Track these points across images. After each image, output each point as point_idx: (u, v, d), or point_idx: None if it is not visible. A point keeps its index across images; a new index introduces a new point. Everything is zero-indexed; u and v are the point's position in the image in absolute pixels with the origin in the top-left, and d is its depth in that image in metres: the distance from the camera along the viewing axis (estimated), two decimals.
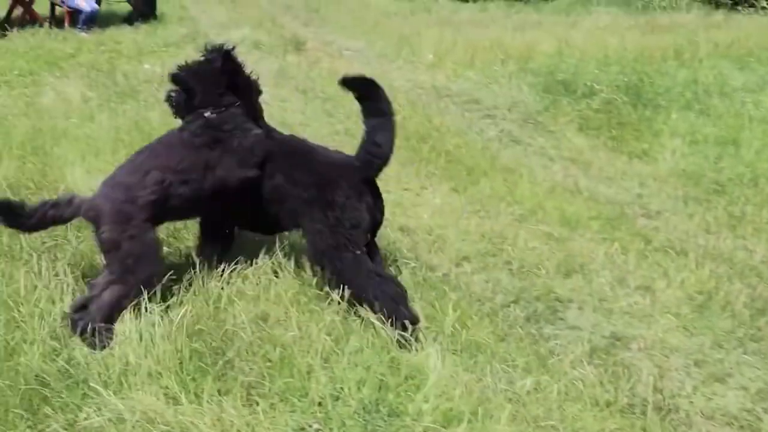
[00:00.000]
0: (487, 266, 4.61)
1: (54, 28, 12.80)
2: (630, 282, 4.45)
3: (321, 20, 14.96)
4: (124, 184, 3.66)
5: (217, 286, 3.76)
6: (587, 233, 5.13)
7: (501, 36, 11.63)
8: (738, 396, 3.44)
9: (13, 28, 12.45)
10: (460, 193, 5.85)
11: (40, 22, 13.17)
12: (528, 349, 3.61)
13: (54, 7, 13.87)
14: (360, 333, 3.40)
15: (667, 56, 9.88)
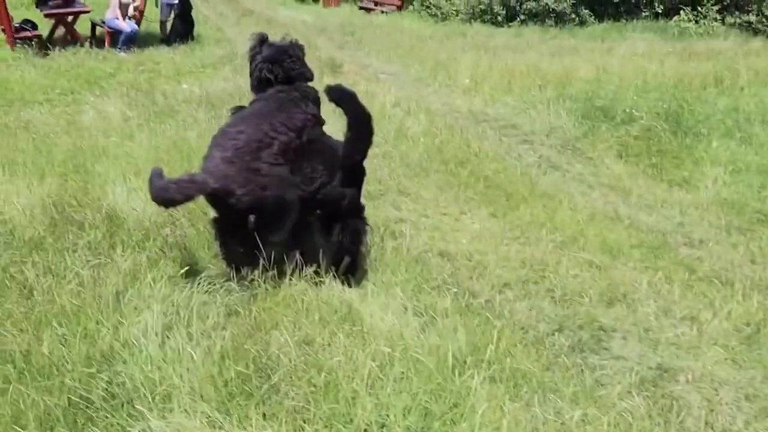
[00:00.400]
0: (529, 293, 4.55)
1: (94, 48, 13.01)
2: (675, 312, 4.37)
3: (356, 43, 15.02)
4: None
5: (261, 308, 3.75)
6: (629, 261, 5.05)
7: (537, 61, 11.60)
8: None
9: (55, 48, 12.67)
10: (499, 218, 5.80)
11: (81, 42, 13.39)
12: (574, 379, 3.55)
13: (94, 27, 14.10)
14: (405, 359, 3.36)
15: (706, 83, 9.77)
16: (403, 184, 6.45)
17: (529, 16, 18.40)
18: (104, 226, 4.82)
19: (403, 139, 7.68)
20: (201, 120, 8.12)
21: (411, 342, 3.50)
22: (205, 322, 3.66)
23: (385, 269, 4.36)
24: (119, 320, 3.64)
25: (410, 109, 8.99)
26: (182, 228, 4.84)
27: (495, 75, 10.61)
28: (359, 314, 3.77)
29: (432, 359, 3.38)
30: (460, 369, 3.39)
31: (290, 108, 4.28)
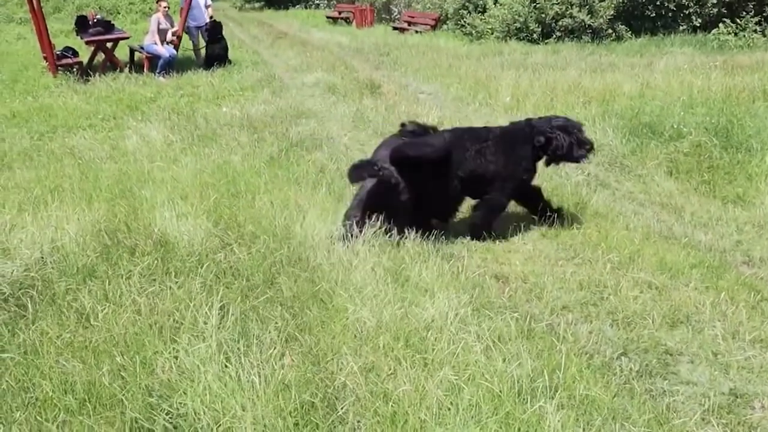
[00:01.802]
0: (590, 316, 4.43)
1: (134, 74, 13.16)
2: (743, 334, 4.22)
3: (392, 63, 15.02)
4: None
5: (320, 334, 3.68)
6: (690, 282, 4.90)
7: (578, 78, 11.48)
8: None
9: (95, 74, 12.83)
10: (551, 239, 5.69)
11: (120, 67, 13.57)
12: (646, 405, 3.43)
13: (133, 53, 14.29)
14: (474, 386, 3.26)
15: (755, 97, 9.58)
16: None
17: (565, 32, 18.30)
18: (156, 252, 4.79)
19: None
20: (244, 143, 8.13)
21: (477, 368, 3.40)
22: (264, 350, 3.60)
23: (443, 293, 4.27)
24: (176, 349, 3.59)
25: None
26: (235, 253, 4.80)
27: (537, 92, 10.51)
28: (423, 341, 3.69)
29: (500, 386, 3.28)
30: (530, 395, 3.29)
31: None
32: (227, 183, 6.46)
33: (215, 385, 3.30)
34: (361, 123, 9.46)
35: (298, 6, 35.89)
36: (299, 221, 5.40)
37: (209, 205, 5.79)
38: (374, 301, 4.08)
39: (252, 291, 4.29)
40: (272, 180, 6.57)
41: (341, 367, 3.40)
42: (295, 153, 7.70)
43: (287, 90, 12.00)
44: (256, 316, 3.96)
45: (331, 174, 6.89)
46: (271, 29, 24.35)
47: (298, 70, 14.42)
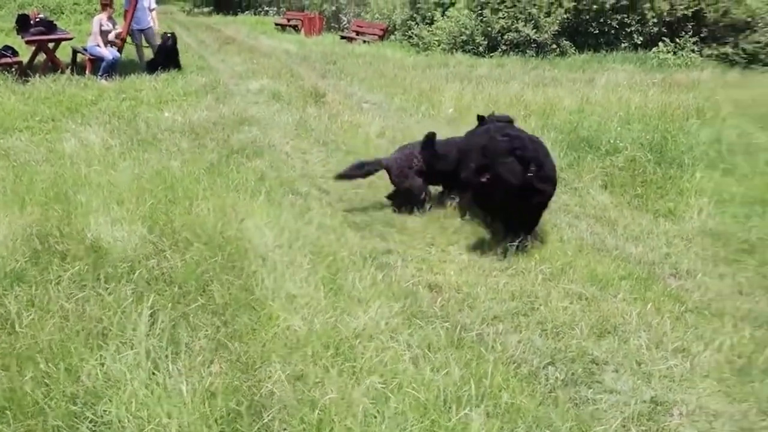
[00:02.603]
0: (520, 326, 4.51)
1: (75, 75, 12.94)
2: (666, 344, 4.34)
3: (338, 73, 15.05)
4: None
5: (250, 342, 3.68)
6: (619, 293, 5.03)
7: (520, 91, 11.67)
8: None
9: (35, 74, 12.58)
10: (486, 250, 5.77)
11: (61, 68, 13.31)
12: (569, 413, 3.50)
13: (76, 54, 14.05)
14: (401, 395, 3.30)
15: (689, 114, 9.86)
16: (389, 215, 6.42)
17: (511, 46, 18.57)
18: (88, 258, 4.73)
19: None
20: (184, 149, 8.07)
21: (405, 377, 3.44)
22: (192, 357, 3.59)
23: (375, 301, 4.30)
24: (103, 356, 3.55)
25: (395, 139, 8.98)
26: (168, 259, 4.76)
27: (479, 105, 10.63)
28: (352, 349, 3.71)
29: (427, 395, 3.32)
30: (456, 404, 3.34)
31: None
32: (165, 189, 6.39)
33: (141, 392, 3.28)
34: (303, 131, 9.47)
35: (247, 12, 35.70)
36: (236, 228, 5.38)
37: (145, 210, 5.73)
38: (306, 310, 4.10)
39: (184, 298, 4.27)
40: (211, 187, 6.53)
41: (269, 375, 3.41)
42: (235, 160, 7.67)
43: (231, 96, 11.93)
44: (187, 323, 3.94)
45: (271, 182, 6.89)
46: (218, 35, 24.18)
47: (243, 76, 14.34)
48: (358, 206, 6.64)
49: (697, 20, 18.80)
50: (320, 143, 8.86)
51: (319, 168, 7.88)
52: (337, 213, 6.32)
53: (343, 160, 8.10)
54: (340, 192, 7.02)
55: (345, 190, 7.08)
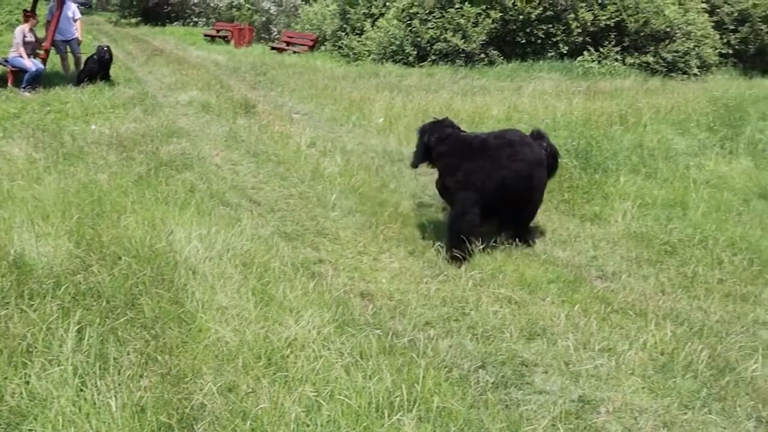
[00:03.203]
0: (451, 331, 4.57)
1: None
2: (593, 344, 4.46)
3: (269, 83, 15.01)
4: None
5: (181, 355, 3.65)
6: (547, 296, 5.15)
7: (450, 100, 11.82)
8: None
9: None
10: (417, 257, 5.83)
11: None
12: (500, 415, 3.57)
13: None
14: (333, 403, 3.31)
15: (612, 121, 10.14)
16: (321, 225, 6.43)
17: (440, 56, 18.79)
18: (11, 274, 4.61)
19: (320, 180, 7.69)
20: (112, 162, 7.94)
21: (337, 385, 3.46)
22: (121, 372, 3.53)
23: (307, 311, 4.31)
24: (28, 374, 3.47)
25: (326, 149, 9.01)
26: (96, 274, 4.68)
27: (409, 114, 10.75)
28: (284, 359, 3.71)
29: (359, 401, 3.35)
30: (388, 410, 3.37)
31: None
32: (92, 203, 6.28)
33: (69, 409, 3.22)
34: (233, 142, 9.41)
35: (176, 23, 35.24)
36: (166, 241, 5.32)
37: (71, 225, 5.62)
38: (237, 321, 4.08)
39: (112, 312, 4.20)
40: (140, 200, 6.44)
41: (200, 387, 3.38)
42: (164, 172, 7.57)
43: (160, 108, 11.78)
44: (115, 338, 3.88)
45: (201, 193, 6.83)
46: (146, 46, 23.82)
47: (172, 88, 14.17)
48: (290, 217, 6.63)
49: (620, 30, 19.34)
50: (251, 154, 8.82)
51: (249, 179, 7.84)
52: (268, 224, 6.30)
53: (273, 171, 8.10)
54: (272, 203, 7.00)
55: (276, 200, 7.08)
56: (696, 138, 9.92)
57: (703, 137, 9.97)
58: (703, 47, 20.07)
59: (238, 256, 5.18)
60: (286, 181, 7.74)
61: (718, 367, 4.27)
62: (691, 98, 12.45)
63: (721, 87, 14.25)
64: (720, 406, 3.91)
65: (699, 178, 8.10)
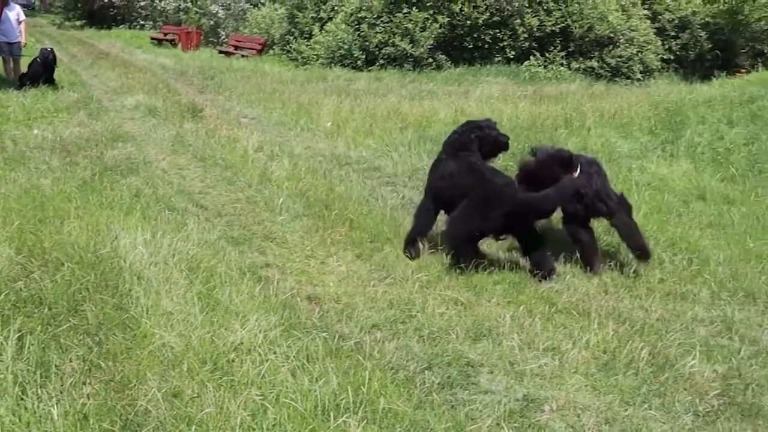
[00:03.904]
0: (398, 333, 4.59)
1: None
2: (538, 344, 4.53)
3: (216, 87, 14.92)
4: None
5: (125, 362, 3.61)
6: (493, 297, 5.20)
7: (398, 104, 11.89)
8: None
9: None
10: (365, 260, 5.85)
11: None
12: (445, 415, 3.60)
13: None
14: (279, 406, 3.32)
15: (557, 124, 10.30)
16: (268, 229, 6.41)
17: (388, 60, 18.88)
18: None
19: (267, 184, 7.67)
20: (55, 167, 7.81)
21: (283, 388, 3.46)
22: (64, 379, 3.49)
23: (253, 315, 4.30)
24: None
25: (273, 153, 8.99)
26: (37, 281, 4.60)
27: (357, 118, 10.79)
28: (230, 363, 3.70)
29: (305, 404, 3.35)
30: (334, 412, 3.38)
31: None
32: (34, 208, 6.17)
33: (8, 419, 3.17)
34: (180, 147, 9.33)
35: (122, 26, 34.78)
36: (110, 247, 5.26)
37: (12, 231, 5.51)
38: (183, 326, 4.06)
39: (54, 319, 4.13)
40: (84, 205, 6.35)
41: (145, 393, 3.36)
42: (109, 177, 7.48)
43: (105, 112, 11.63)
44: (58, 345, 3.83)
45: (147, 198, 6.76)
46: (91, 49, 23.47)
47: (118, 92, 14.00)
48: (237, 221, 6.60)
49: (565, 36, 19.67)
50: (198, 159, 8.75)
51: (196, 183, 7.78)
52: (215, 228, 6.26)
53: (221, 176, 8.05)
54: (219, 207, 6.96)
55: (223, 205, 7.04)
56: (638, 141, 10.13)
57: (645, 140, 10.18)
58: (645, 53, 20.52)
59: (184, 260, 5.15)
60: (234, 186, 7.70)
61: (658, 364, 4.36)
62: (633, 102, 12.69)
63: (662, 91, 14.54)
64: (660, 401, 3.99)
65: (641, 180, 8.27)
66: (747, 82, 14.24)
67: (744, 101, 11.78)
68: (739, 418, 3.85)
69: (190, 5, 30.02)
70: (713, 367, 4.36)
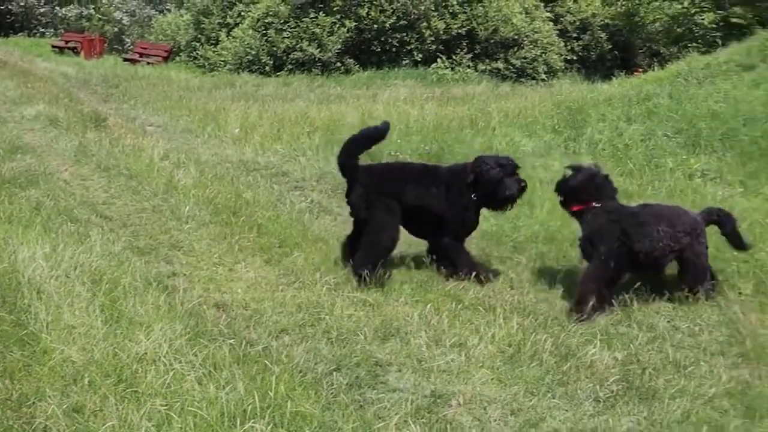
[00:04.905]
0: (307, 336, 4.60)
1: None
2: (445, 341, 4.60)
3: (121, 96, 14.62)
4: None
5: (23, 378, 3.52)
6: (401, 297, 5.26)
7: (306, 109, 11.90)
8: None
9: None
10: (273, 265, 5.84)
11: None
12: (353, 415, 3.63)
13: None
14: (185, 415, 3.28)
15: (463, 125, 10.48)
16: (175, 238, 6.33)
17: (297, 65, 18.85)
18: None
19: (173, 192, 7.55)
20: None
21: (189, 397, 3.43)
22: None
23: (158, 324, 4.24)
24: None
25: (180, 161, 8.87)
26: None
27: (265, 124, 10.74)
28: (134, 374, 3.65)
29: (211, 412, 3.33)
30: (241, 418, 3.37)
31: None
32: None
33: None
34: (83, 157, 9.10)
35: (21, 34, 33.59)
36: (8, 262, 5.10)
37: None
38: (85, 339, 3.97)
39: None
40: None
41: (44, 410, 3.27)
42: (7, 190, 7.23)
43: (3, 123, 11.24)
44: None
45: (48, 211, 6.57)
46: None
47: (17, 102, 13.53)
48: (143, 231, 6.49)
49: (471, 38, 20.05)
50: (101, 169, 8.56)
51: (100, 194, 7.61)
52: (120, 239, 6.13)
53: (125, 185, 7.90)
54: (124, 218, 6.83)
55: (128, 215, 6.91)
56: (542, 140, 10.40)
57: (548, 139, 10.46)
58: (549, 54, 21.08)
59: (87, 273, 5.03)
60: (139, 195, 7.56)
61: (561, 354, 4.48)
62: (537, 102, 13.02)
63: (565, 91, 14.95)
64: (563, 390, 4.11)
65: (545, 177, 8.48)
66: (644, 81, 14.74)
67: (641, 99, 12.21)
68: (636, 401, 4.00)
69: (92, 12, 29.28)
70: (613, 354, 4.51)
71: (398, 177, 5.90)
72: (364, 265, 5.45)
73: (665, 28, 24.34)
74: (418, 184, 5.78)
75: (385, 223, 5.62)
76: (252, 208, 7.11)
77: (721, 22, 21.79)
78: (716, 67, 13.25)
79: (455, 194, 5.73)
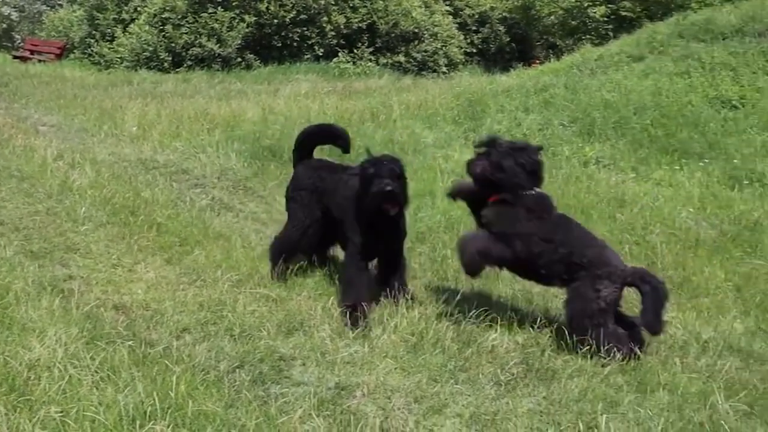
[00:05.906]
0: (209, 335, 4.55)
1: None
2: (349, 333, 4.63)
3: (11, 95, 14.05)
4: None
5: None
6: (304, 291, 5.26)
7: (206, 105, 11.73)
8: (455, 423, 3.72)
9: None
10: (174, 264, 5.74)
11: None
12: (257, 411, 3.62)
13: None
14: (81, 421, 3.21)
15: (364, 118, 10.54)
16: (71, 240, 6.13)
17: (196, 61, 18.55)
18: None
19: (68, 193, 7.32)
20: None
21: (86, 402, 3.34)
22: None
23: (51, 329, 4.11)
24: None
25: (75, 161, 8.61)
26: None
27: (164, 121, 10.54)
28: (27, 382, 3.53)
29: (108, 416, 3.26)
30: (141, 420, 3.31)
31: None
32: None
33: None
34: None
35: None
36: None
37: None
38: None
39: None
40: None
41: None
42: None
43: None
44: None
45: None
46: None
47: None
48: (36, 234, 6.26)
49: (372, 32, 20.16)
50: None
51: None
52: (11, 243, 5.90)
53: (17, 188, 7.60)
54: (15, 221, 6.57)
55: (21, 218, 6.65)
56: (443, 131, 10.56)
57: (449, 130, 10.63)
58: (449, 47, 21.40)
59: None
60: (32, 197, 7.28)
61: (463, 341, 4.58)
62: (438, 94, 13.20)
63: (465, 83, 15.20)
64: (465, 375, 4.20)
65: (446, 168, 8.62)
66: (541, 72, 15.15)
67: (538, 90, 12.55)
68: (536, 382, 4.13)
69: None
70: (514, 338, 4.64)
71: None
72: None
73: (560, 21, 24.99)
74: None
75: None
76: (151, 207, 6.96)
77: (612, 15, 22.60)
78: (608, 59, 13.74)
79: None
